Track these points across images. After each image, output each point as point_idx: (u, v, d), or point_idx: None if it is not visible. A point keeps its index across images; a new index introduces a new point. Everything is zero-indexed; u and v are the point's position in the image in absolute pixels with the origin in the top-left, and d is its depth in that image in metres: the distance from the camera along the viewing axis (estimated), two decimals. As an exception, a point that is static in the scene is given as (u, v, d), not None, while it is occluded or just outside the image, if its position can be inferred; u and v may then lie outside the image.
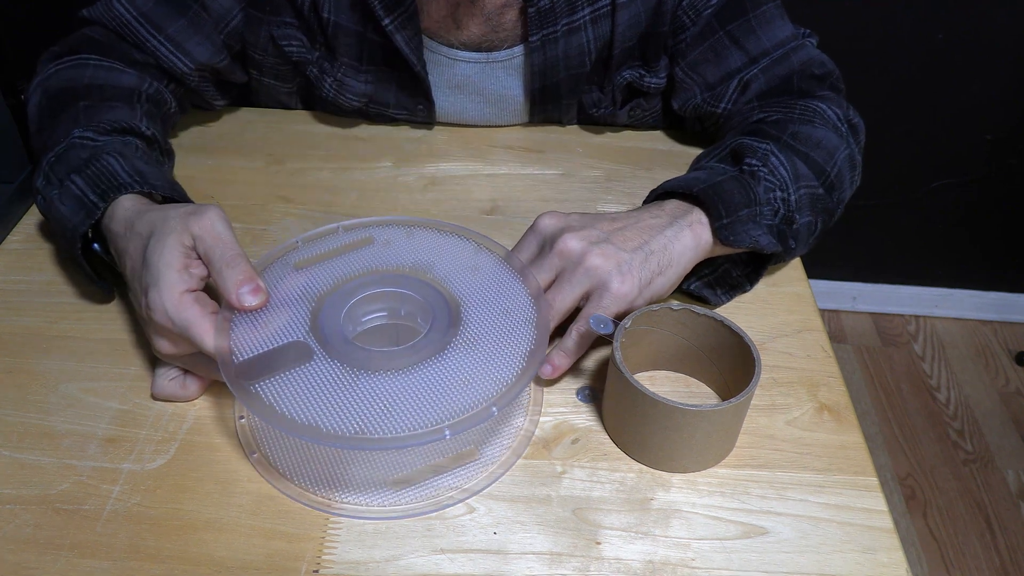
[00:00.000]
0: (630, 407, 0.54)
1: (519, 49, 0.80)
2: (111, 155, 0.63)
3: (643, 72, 0.82)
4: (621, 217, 0.63)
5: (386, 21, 0.76)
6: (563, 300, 0.59)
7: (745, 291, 0.68)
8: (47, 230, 0.73)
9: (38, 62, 0.76)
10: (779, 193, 0.66)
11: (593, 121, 0.88)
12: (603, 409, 0.58)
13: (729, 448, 0.56)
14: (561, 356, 0.59)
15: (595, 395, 0.60)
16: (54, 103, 0.71)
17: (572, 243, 0.59)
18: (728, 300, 0.68)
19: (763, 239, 0.63)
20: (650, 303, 0.60)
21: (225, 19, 0.79)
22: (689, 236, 0.62)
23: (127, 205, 0.60)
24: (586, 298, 0.59)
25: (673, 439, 0.53)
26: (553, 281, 0.60)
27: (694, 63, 0.80)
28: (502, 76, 0.82)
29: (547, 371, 0.59)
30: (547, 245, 0.61)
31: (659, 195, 0.67)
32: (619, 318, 0.57)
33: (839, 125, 0.74)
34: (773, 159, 0.67)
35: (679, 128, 0.90)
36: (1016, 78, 1.53)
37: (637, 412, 0.53)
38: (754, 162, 0.67)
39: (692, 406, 0.51)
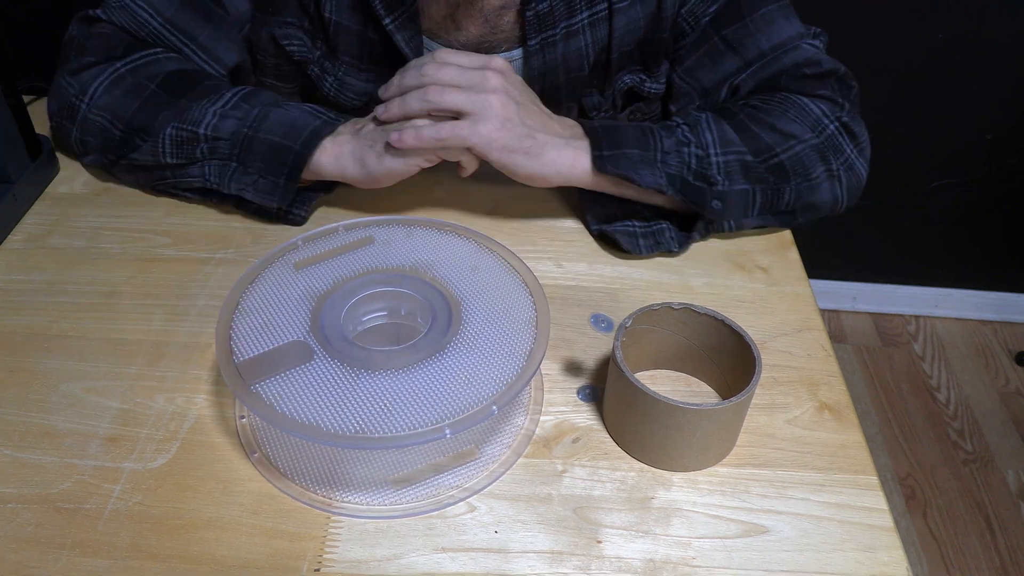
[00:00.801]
0: (631, 406, 0.54)
1: (518, 52, 0.80)
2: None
3: (643, 77, 0.82)
4: (543, 108, 0.71)
5: (387, 21, 0.76)
6: (450, 96, 0.66)
7: (671, 251, 0.72)
8: (47, 230, 0.73)
9: (72, 74, 0.75)
10: (694, 149, 0.70)
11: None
12: (604, 408, 0.59)
13: (730, 447, 0.56)
14: (411, 136, 0.66)
15: (596, 394, 0.60)
16: (170, 86, 0.73)
17: (495, 78, 0.66)
18: (647, 252, 0.72)
19: (647, 178, 0.68)
20: (499, 165, 0.68)
21: (241, 21, 0.79)
22: (568, 154, 0.69)
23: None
24: (462, 116, 0.66)
25: (674, 438, 0.53)
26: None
27: (690, 69, 0.81)
28: None
29: (394, 138, 0.66)
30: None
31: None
32: (478, 158, 0.68)
33: (823, 120, 0.74)
34: (702, 123, 0.72)
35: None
36: (1016, 78, 1.53)
37: (638, 411, 0.53)
38: (678, 120, 0.72)
39: (693, 405, 0.51)
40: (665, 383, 0.61)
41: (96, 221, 0.74)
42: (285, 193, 0.71)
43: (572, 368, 0.62)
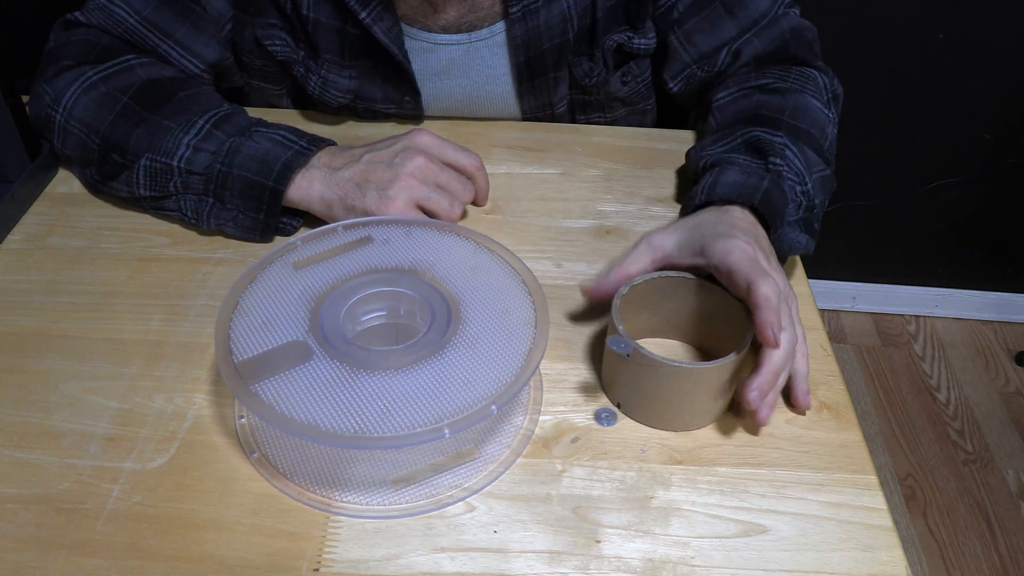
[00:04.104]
0: (635, 373, 0.55)
1: (500, 26, 0.80)
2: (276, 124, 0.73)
3: (631, 35, 0.82)
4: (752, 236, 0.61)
5: (363, 15, 0.76)
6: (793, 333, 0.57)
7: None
8: (46, 230, 0.73)
9: (47, 81, 0.75)
10: (799, 187, 0.68)
11: (586, 93, 0.87)
12: (603, 376, 0.60)
13: (725, 406, 0.58)
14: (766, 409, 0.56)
15: (614, 417, 0.59)
16: (143, 98, 0.72)
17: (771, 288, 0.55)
18: None
19: (801, 238, 0.67)
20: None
21: (220, 21, 0.79)
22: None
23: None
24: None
25: (674, 399, 0.55)
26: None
27: (689, 33, 0.81)
28: (486, 55, 0.82)
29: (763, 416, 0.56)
30: (783, 302, 0.57)
31: (712, 199, 0.66)
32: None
33: (825, 94, 0.76)
34: (788, 152, 0.69)
35: (678, 126, 0.90)
36: (1016, 78, 1.53)
37: (642, 377, 0.55)
38: (777, 161, 0.69)
39: (691, 364, 0.54)
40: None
41: (95, 221, 0.74)
42: (266, 229, 0.71)
43: (571, 368, 0.62)
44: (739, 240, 0.58)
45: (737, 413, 0.59)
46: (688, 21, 0.81)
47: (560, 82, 0.85)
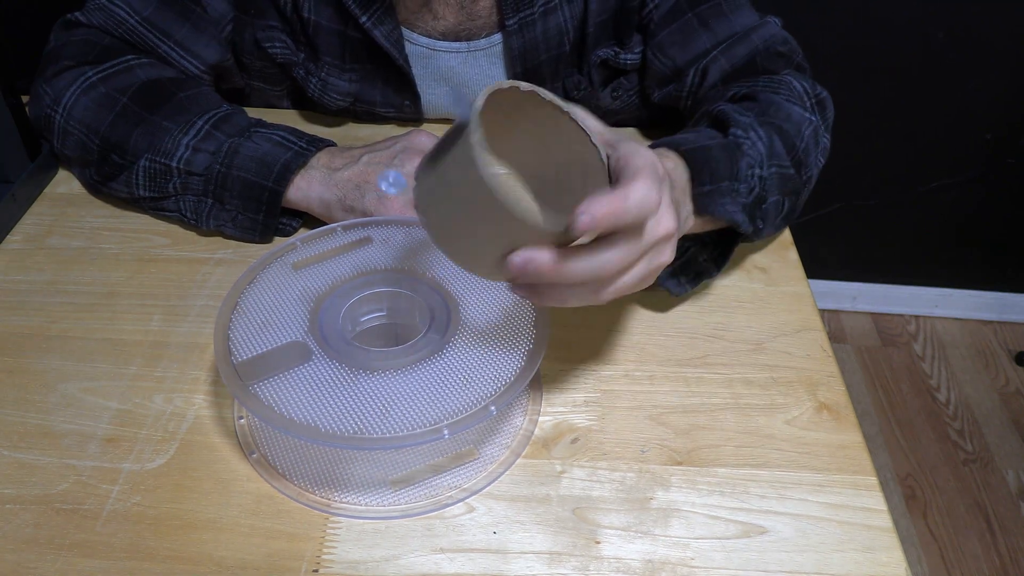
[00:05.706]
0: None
1: (498, 36, 0.80)
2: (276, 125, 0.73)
3: (617, 50, 0.82)
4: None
5: (363, 19, 0.76)
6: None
7: (712, 276, 0.65)
8: (46, 230, 0.73)
9: (47, 81, 0.75)
10: (757, 171, 0.63)
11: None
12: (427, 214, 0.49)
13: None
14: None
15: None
16: (143, 99, 0.72)
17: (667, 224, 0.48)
18: (692, 288, 0.64)
19: (738, 216, 0.60)
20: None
21: (221, 23, 0.79)
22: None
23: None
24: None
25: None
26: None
27: (662, 45, 0.79)
28: (485, 65, 0.82)
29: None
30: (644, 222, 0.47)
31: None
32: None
33: (804, 99, 0.72)
34: (753, 132, 0.64)
35: (676, 127, 0.90)
36: (1016, 77, 1.53)
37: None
38: (739, 133, 0.63)
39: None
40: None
41: (95, 221, 0.74)
42: (265, 230, 0.71)
43: (571, 369, 0.62)
44: (650, 153, 0.49)
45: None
46: (660, 32, 0.79)
47: (555, 92, 0.84)
